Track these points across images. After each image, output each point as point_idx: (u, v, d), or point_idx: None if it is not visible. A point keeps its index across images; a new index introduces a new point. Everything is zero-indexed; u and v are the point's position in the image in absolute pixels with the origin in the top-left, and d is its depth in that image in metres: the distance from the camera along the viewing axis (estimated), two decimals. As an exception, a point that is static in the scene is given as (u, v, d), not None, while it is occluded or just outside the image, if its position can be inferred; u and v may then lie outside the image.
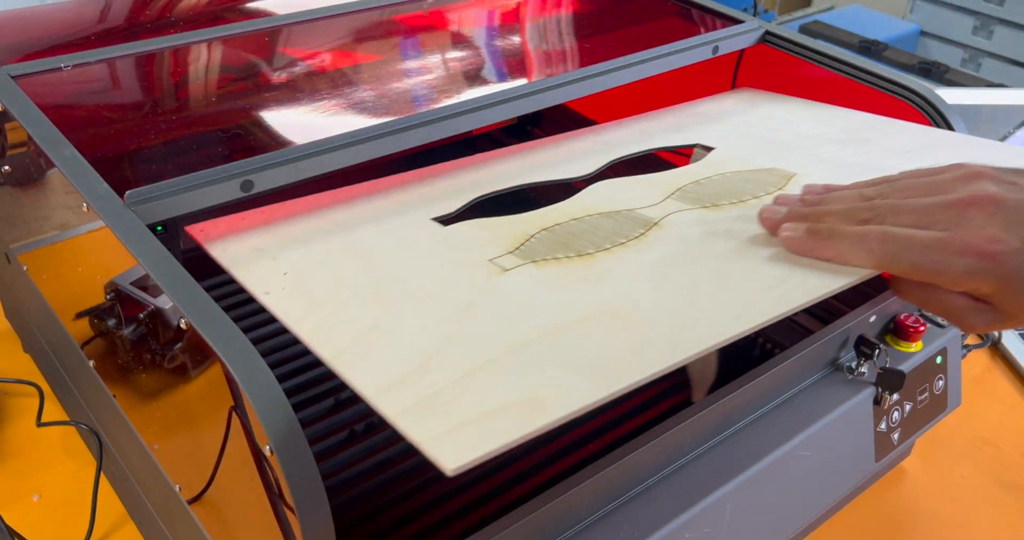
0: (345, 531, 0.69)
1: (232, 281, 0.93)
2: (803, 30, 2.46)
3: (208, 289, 0.51)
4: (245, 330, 0.65)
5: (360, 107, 0.72)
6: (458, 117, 0.69)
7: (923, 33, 2.67)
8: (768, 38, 0.87)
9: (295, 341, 0.86)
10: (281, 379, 0.81)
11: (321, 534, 0.46)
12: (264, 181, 0.60)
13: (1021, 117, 1.29)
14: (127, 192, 0.56)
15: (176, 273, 0.51)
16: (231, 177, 0.58)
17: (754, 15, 0.92)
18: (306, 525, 0.45)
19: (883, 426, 0.76)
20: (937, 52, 2.66)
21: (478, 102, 0.70)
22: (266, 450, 0.44)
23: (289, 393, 0.80)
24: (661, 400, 0.81)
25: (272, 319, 0.88)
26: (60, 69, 0.73)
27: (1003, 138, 1.27)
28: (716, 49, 0.84)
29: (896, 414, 0.77)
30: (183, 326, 0.50)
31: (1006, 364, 1.04)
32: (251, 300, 0.91)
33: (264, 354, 0.65)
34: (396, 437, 0.76)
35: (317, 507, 0.45)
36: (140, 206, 0.56)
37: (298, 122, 0.70)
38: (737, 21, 0.89)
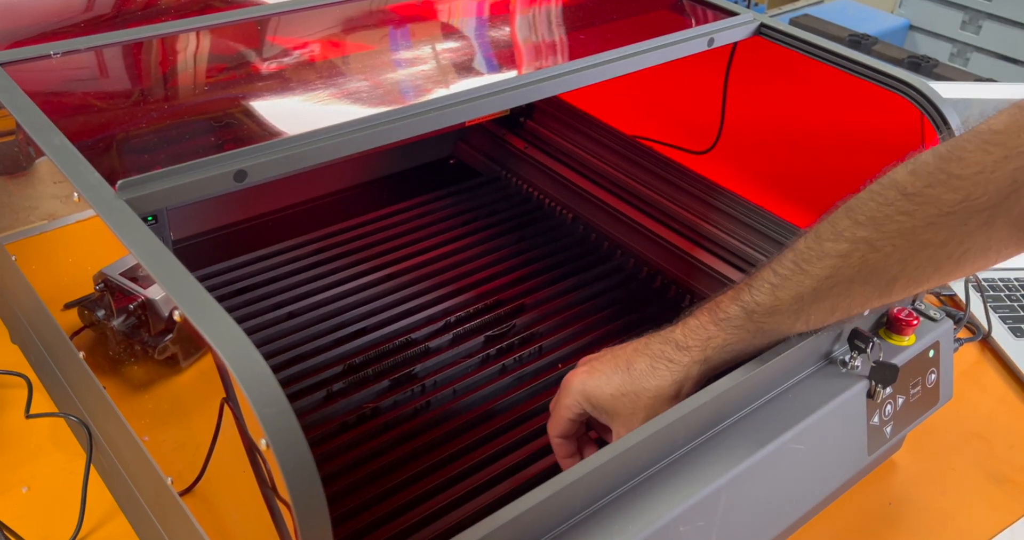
0: (337, 522, 0.68)
1: (224, 272, 0.93)
2: (793, 23, 2.46)
3: (200, 280, 0.50)
4: (236, 321, 0.64)
5: (353, 97, 0.71)
6: (451, 108, 0.68)
7: (912, 27, 2.67)
8: (763, 30, 0.87)
9: (286, 333, 0.86)
10: (272, 371, 0.81)
11: (317, 528, 0.45)
12: (258, 171, 0.59)
13: (1011, 111, 1.30)
14: (119, 182, 0.55)
15: (169, 264, 0.51)
16: (225, 167, 0.58)
17: (747, 7, 0.92)
18: (302, 519, 0.45)
19: (876, 419, 0.76)
20: (926, 47, 2.66)
21: (471, 94, 0.70)
22: (261, 444, 0.44)
23: (280, 385, 0.79)
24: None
25: (264, 310, 0.88)
26: (49, 56, 0.72)
27: (993, 132, 1.28)
28: (712, 41, 0.83)
29: (889, 408, 0.77)
30: (176, 317, 0.49)
31: (996, 358, 1.04)
32: (243, 291, 0.91)
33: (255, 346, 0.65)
34: (387, 429, 0.76)
35: (313, 501, 0.44)
36: (132, 196, 0.55)
37: (290, 112, 0.69)
38: (732, 13, 0.88)
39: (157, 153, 0.63)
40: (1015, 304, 1.11)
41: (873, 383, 0.74)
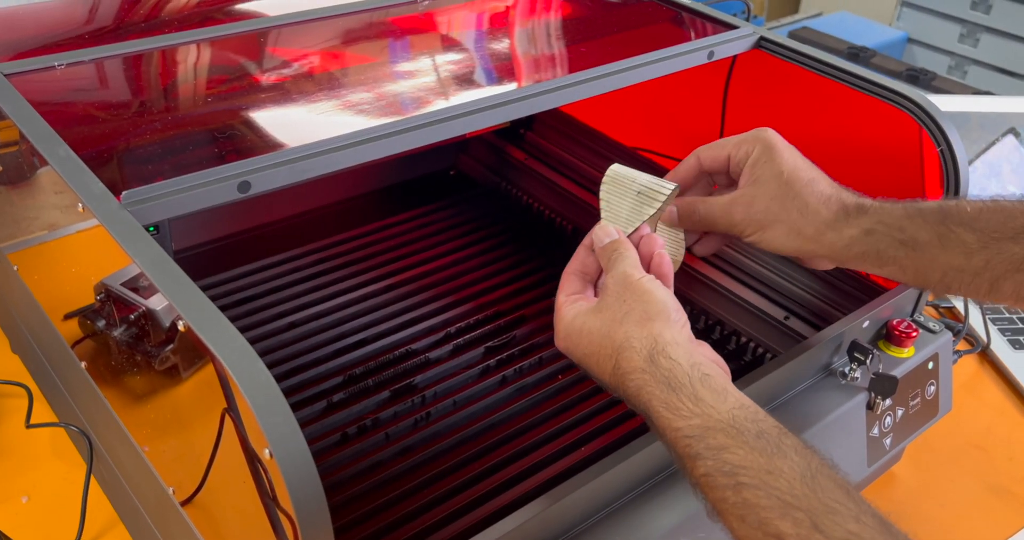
0: (337, 533, 0.68)
1: (225, 282, 0.93)
2: (792, 36, 2.47)
3: (201, 290, 0.50)
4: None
5: (355, 109, 0.71)
6: (452, 120, 0.69)
7: (910, 40, 2.68)
8: (762, 44, 0.88)
9: (286, 343, 0.86)
10: (273, 381, 0.81)
11: (319, 538, 0.46)
12: (261, 182, 0.59)
13: (1008, 124, 1.30)
14: (124, 193, 0.55)
15: (173, 274, 0.51)
16: (229, 178, 0.58)
17: (746, 21, 0.92)
18: (305, 529, 0.45)
19: (875, 431, 0.76)
20: (924, 59, 2.67)
21: (473, 106, 0.70)
22: (264, 453, 0.44)
23: (281, 395, 0.79)
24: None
25: (265, 320, 0.88)
26: (53, 68, 0.72)
27: (991, 145, 1.29)
28: (711, 54, 0.84)
29: (888, 419, 0.78)
30: (181, 327, 0.49)
31: (994, 370, 1.05)
32: (243, 301, 0.91)
33: (258, 356, 0.65)
34: (388, 440, 0.76)
35: (316, 512, 0.45)
36: (136, 206, 0.55)
37: (293, 123, 0.70)
38: (732, 26, 0.89)
39: (160, 164, 0.63)
40: (1013, 316, 1.11)
41: (873, 395, 0.75)
